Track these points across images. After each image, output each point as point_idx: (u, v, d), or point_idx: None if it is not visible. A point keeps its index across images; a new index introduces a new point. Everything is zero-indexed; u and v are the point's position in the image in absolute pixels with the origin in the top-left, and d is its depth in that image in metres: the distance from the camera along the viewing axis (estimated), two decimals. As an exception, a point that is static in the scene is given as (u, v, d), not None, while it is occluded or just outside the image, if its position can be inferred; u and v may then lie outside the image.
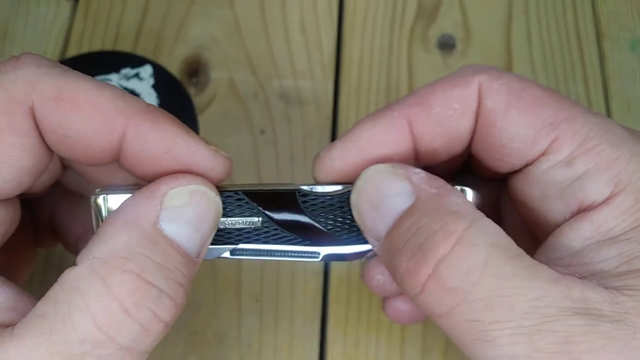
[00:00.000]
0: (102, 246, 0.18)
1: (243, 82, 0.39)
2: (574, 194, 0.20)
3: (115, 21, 0.41)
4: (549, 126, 0.20)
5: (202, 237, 0.20)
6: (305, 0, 0.42)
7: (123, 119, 0.20)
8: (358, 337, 0.33)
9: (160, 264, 0.18)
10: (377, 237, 0.20)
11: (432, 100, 0.21)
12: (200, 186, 0.20)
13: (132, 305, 0.17)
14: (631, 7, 0.44)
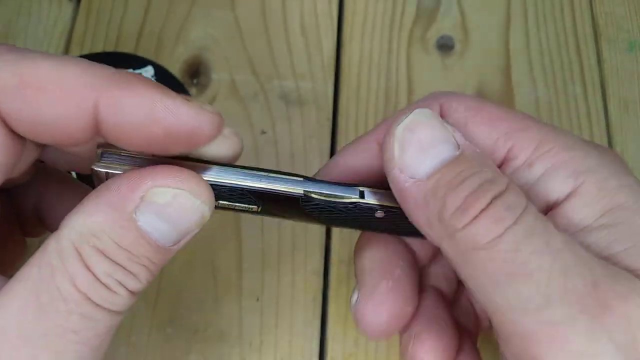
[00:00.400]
0: (80, 219, 0.19)
1: (244, 83, 0.40)
2: (538, 194, 0.22)
3: (117, 22, 0.41)
4: (505, 136, 0.23)
5: (180, 234, 0.20)
6: (305, 2, 0.42)
7: (92, 92, 0.19)
8: (358, 336, 0.33)
9: (125, 249, 0.19)
10: (414, 174, 0.21)
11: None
12: (185, 192, 0.20)
13: (100, 273, 0.19)
14: (629, 8, 0.44)
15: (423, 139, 0.21)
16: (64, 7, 0.42)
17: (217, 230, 0.36)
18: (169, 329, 0.33)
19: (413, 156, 0.21)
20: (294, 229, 0.36)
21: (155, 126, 0.19)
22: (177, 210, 0.20)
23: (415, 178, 0.21)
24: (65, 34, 0.41)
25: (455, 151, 0.21)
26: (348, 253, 0.36)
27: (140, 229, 0.19)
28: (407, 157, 0.21)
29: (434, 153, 0.21)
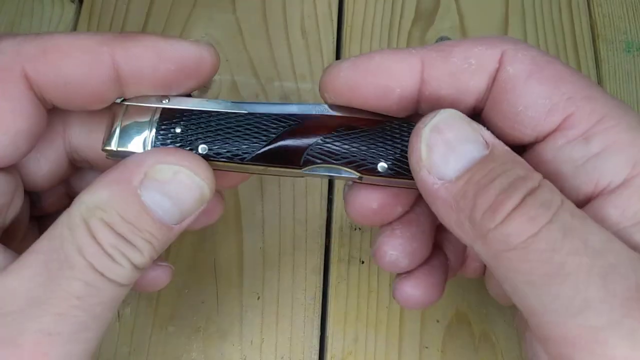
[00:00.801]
0: (89, 195, 0.21)
1: (245, 84, 0.40)
2: (589, 173, 0.20)
3: (119, 23, 0.42)
4: (567, 100, 0.20)
5: (182, 212, 0.22)
6: (305, 4, 0.43)
7: (107, 48, 0.21)
8: (357, 334, 0.34)
9: (130, 223, 0.20)
10: (442, 176, 0.20)
11: (452, 51, 0.21)
12: (186, 169, 0.21)
13: (106, 244, 0.20)
14: (626, 9, 0.45)
15: (450, 139, 0.20)
16: (66, 8, 0.42)
17: (218, 229, 0.36)
18: (170, 327, 0.34)
19: (441, 157, 0.20)
20: (294, 228, 0.36)
21: (168, 63, 0.22)
22: (177, 187, 0.21)
23: (444, 179, 0.20)
24: (68, 36, 0.41)
25: (485, 150, 0.20)
26: (348, 252, 0.36)
27: (144, 204, 0.21)
28: (434, 158, 0.20)
29: (462, 153, 0.20)
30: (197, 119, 0.22)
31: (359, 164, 0.22)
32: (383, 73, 0.22)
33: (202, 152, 0.22)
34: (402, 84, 0.22)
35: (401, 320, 0.34)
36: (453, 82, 0.22)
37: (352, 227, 0.36)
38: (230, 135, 0.22)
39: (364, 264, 0.36)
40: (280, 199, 0.37)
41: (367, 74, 0.22)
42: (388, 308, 0.34)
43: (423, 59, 0.21)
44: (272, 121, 0.22)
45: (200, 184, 0.22)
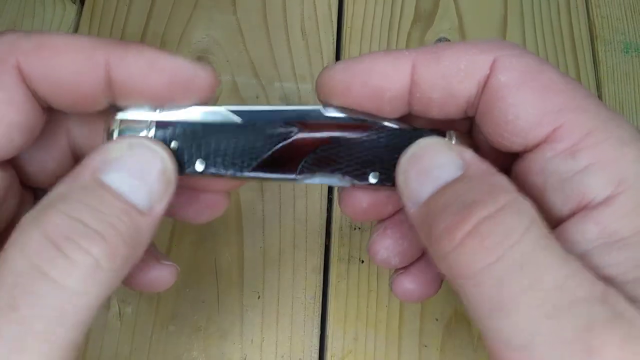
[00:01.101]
0: (45, 197, 0.19)
1: (245, 85, 0.40)
2: (574, 188, 0.20)
3: (120, 24, 0.42)
4: (557, 112, 0.20)
5: (150, 189, 0.20)
6: (305, 6, 0.43)
7: (102, 51, 0.21)
8: (357, 333, 0.34)
9: (92, 207, 0.19)
10: (416, 200, 0.20)
11: (444, 54, 0.21)
12: (141, 140, 0.21)
13: (57, 236, 0.18)
14: (625, 10, 0.45)
15: (426, 165, 0.21)
16: (67, 9, 0.42)
17: (218, 228, 0.36)
18: (171, 327, 0.34)
19: (417, 184, 0.21)
20: (294, 228, 0.36)
21: (160, 75, 0.21)
22: (136, 160, 0.20)
23: (418, 204, 0.20)
24: (69, 36, 0.41)
25: (458, 172, 0.20)
26: (348, 251, 0.36)
27: (108, 186, 0.19)
28: (410, 185, 0.21)
29: (434, 177, 0.20)
30: (191, 132, 0.22)
31: (352, 174, 0.23)
32: (374, 75, 0.22)
33: (199, 170, 0.22)
34: (393, 86, 0.22)
35: (401, 319, 0.34)
36: (443, 86, 0.22)
37: (352, 227, 0.37)
38: (226, 149, 0.22)
39: (363, 263, 0.36)
40: (280, 199, 0.37)
41: (358, 76, 0.22)
42: (388, 307, 0.35)
43: (414, 61, 0.22)
44: (267, 133, 0.22)
45: (161, 154, 0.21)
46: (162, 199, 0.21)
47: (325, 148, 0.23)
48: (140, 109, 0.22)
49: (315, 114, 0.23)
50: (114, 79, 0.21)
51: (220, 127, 0.22)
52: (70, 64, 0.21)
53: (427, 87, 0.22)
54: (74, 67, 0.21)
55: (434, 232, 0.19)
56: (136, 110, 0.22)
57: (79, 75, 0.21)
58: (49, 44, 0.21)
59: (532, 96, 0.20)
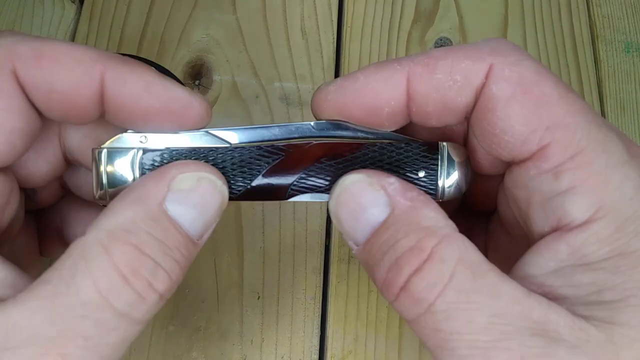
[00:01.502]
0: (109, 219, 0.19)
1: (245, 85, 0.40)
2: (555, 208, 0.20)
3: (120, 24, 0.42)
4: (545, 130, 0.19)
5: (206, 222, 0.21)
6: (305, 5, 0.43)
7: (100, 66, 0.21)
8: (357, 333, 0.34)
9: (160, 241, 0.19)
10: (355, 242, 0.21)
11: (438, 65, 0.21)
12: (208, 174, 0.21)
13: (129, 273, 0.18)
14: (625, 10, 0.45)
15: (352, 207, 0.21)
16: (66, 9, 0.42)
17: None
18: (171, 327, 0.34)
19: (349, 226, 0.21)
20: (294, 228, 0.36)
21: (153, 99, 0.21)
22: (201, 195, 0.21)
23: (358, 245, 0.21)
24: (69, 36, 0.41)
25: (385, 212, 0.20)
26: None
27: (172, 218, 0.20)
28: (345, 227, 0.21)
29: (364, 220, 0.21)
30: (179, 158, 0.22)
31: None
32: (368, 94, 0.22)
33: None
34: (388, 104, 0.22)
35: (401, 320, 0.34)
36: (439, 99, 0.21)
37: (352, 227, 0.37)
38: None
39: (363, 263, 0.36)
40: (281, 199, 0.37)
41: (353, 96, 0.22)
42: (388, 307, 0.35)
43: (408, 74, 0.21)
44: (255, 157, 0.22)
45: (221, 189, 0.21)
46: (211, 228, 0.22)
47: (313, 169, 0.22)
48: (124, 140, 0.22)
49: (304, 130, 0.23)
50: (108, 95, 0.21)
51: (207, 151, 0.22)
52: (67, 76, 0.21)
53: (422, 101, 0.21)
54: (71, 79, 0.21)
55: (377, 282, 0.20)
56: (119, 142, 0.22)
57: (73, 88, 0.21)
58: (48, 52, 0.20)
59: (520, 111, 0.20)
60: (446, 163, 0.23)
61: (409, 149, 0.22)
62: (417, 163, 0.22)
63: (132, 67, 0.21)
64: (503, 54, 0.20)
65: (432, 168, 0.22)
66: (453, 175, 0.23)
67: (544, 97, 0.20)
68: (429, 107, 0.21)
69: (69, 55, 0.21)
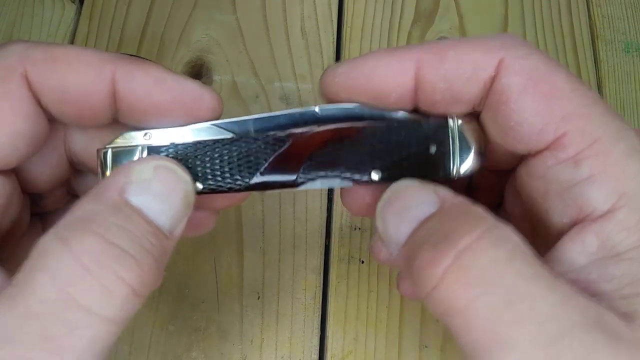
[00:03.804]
0: (68, 215, 0.19)
1: (245, 85, 0.40)
2: (575, 197, 0.19)
3: (119, 24, 0.42)
4: (561, 120, 0.19)
5: (174, 212, 0.20)
6: (305, 5, 0.43)
7: (110, 66, 0.21)
8: (357, 333, 0.34)
9: (124, 227, 0.18)
10: (397, 242, 0.20)
11: (448, 55, 0.21)
12: (165, 162, 0.21)
13: (91, 262, 0.17)
14: (625, 10, 0.45)
15: (400, 206, 0.20)
16: (66, 9, 0.42)
17: (218, 229, 0.36)
18: (170, 327, 0.34)
19: (394, 227, 0.20)
20: (294, 228, 0.36)
21: (164, 93, 0.21)
22: (162, 183, 0.20)
23: (399, 246, 0.20)
24: (68, 36, 0.41)
25: (433, 208, 0.20)
26: (348, 252, 0.36)
27: (134, 207, 0.19)
28: (388, 228, 0.21)
29: (410, 217, 0.20)
30: (185, 152, 0.22)
31: (353, 175, 0.22)
32: (377, 78, 0.21)
33: (198, 189, 0.22)
34: (396, 89, 0.21)
35: (401, 320, 0.34)
36: (447, 88, 0.21)
37: (352, 227, 0.37)
38: (221, 165, 0.22)
39: (364, 263, 0.36)
40: (280, 199, 0.37)
41: (361, 79, 0.22)
42: (388, 307, 0.35)
43: (417, 61, 0.21)
44: (261, 145, 0.22)
45: (182, 176, 0.21)
46: (182, 221, 0.21)
47: (322, 153, 0.22)
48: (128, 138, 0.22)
49: (309, 116, 0.22)
50: (120, 95, 0.21)
51: (213, 143, 0.22)
52: (79, 77, 0.21)
53: (430, 90, 0.21)
54: (83, 81, 0.21)
55: (415, 270, 0.18)
56: (124, 139, 0.22)
57: (86, 89, 0.21)
58: (59, 55, 0.21)
59: (535, 103, 0.20)
60: (457, 136, 0.22)
61: (418, 125, 0.22)
62: (428, 139, 0.22)
63: (140, 64, 0.21)
64: (513, 47, 0.20)
65: (443, 143, 0.22)
66: (466, 149, 0.22)
67: (557, 88, 0.20)
68: (436, 95, 0.21)
69: (79, 57, 0.21)
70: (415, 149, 0.22)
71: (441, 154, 0.22)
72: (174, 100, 0.21)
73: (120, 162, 0.22)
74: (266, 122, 0.22)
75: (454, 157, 0.22)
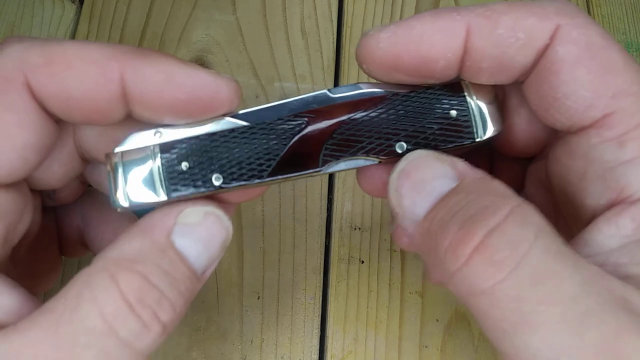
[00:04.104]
0: (116, 249, 0.19)
1: (245, 85, 0.40)
2: (617, 179, 0.19)
3: (119, 24, 0.42)
4: (611, 97, 0.19)
5: (210, 256, 0.21)
6: (305, 5, 0.43)
7: (116, 64, 0.19)
8: (357, 333, 0.34)
9: (166, 271, 0.19)
10: (413, 218, 0.20)
11: (501, 20, 0.20)
12: (214, 209, 0.21)
13: (135, 301, 0.18)
14: (625, 10, 0.45)
15: (417, 179, 0.20)
16: (66, 9, 0.42)
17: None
18: (171, 327, 0.34)
19: (410, 200, 0.20)
20: (294, 228, 0.36)
21: (178, 91, 0.20)
22: (207, 229, 0.21)
23: (416, 221, 0.19)
24: (68, 36, 0.41)
25: (452, 183, 0.19)
26: (348, 252, 0.36)
27: (177, 250, 0.20)
28: (404, 203, 0.20)
29: (429, 191, 0.19)
30: (199, 147, 0.21)
31: (377, 149, 0.22)
32: (425, 44, 0.20)
33: (217, 183, 0.21)
34: (444, 57, 0.20)
35: (401, 320, 0.34)
36: (497, 55, 0.20)
37: (352, 227, 0.37)
38: (239, 157, 0.21)
39: (364, 263, 0.36)
40: (280, 199, 0.37)
41: (408, 45, 0.20)
42: (388, 307, 0.35)
43: (468, 26, 0.20)
44: (278, 131, 0.21)
45: (226, 224, 0.21)
46: (215, 264, 0.21)
47: (342, 131, 0.22)
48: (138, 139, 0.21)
49: (322, 98, 0.22)
50: (130, 95, 0.20)
51: (228, 134, 0.21)
52: (82, 80, 0.19)
53: (478, 56, 0.20)
54: (87, 83, 0.19)
55: (437, 250, 0.18)
56: (133, 139, 0.21)
57: (91, 91, 0.20)
58: (59, 57, 0.19)
59: (587, 76, 0.19)
60: (475, 98, 0.21)
61: (433, 93, 0.22)
62: (446, 105, 0.21)
63: (150, 58, 0.20)
64: (570, 15, 0.19)
65: (462, 106, 0.21)
66: (486, 111, 0.21)
67: (611, 63, 0.19)
68: (484, 62, 0.20)
69: (81, 57, 0.19)
70: (437, 114, 0.21)
71: (462, 119, 0.21)
72: (189, 99, 0.20)
73: (131, 167, 0.21)
74: (279, 109, 0.22)
75: (475, 119, 0.21)
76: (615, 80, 0.19)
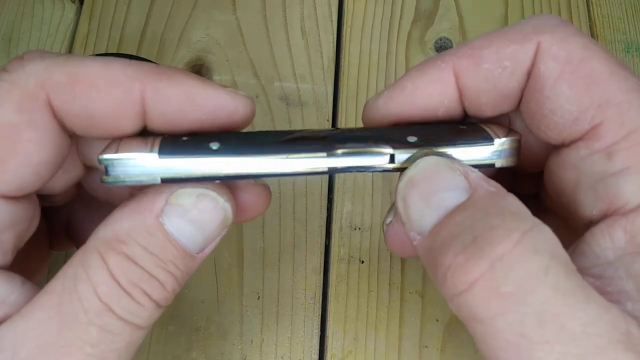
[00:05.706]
0: (107, 228, 0.20)
1: (245, 85, 0.40)
2: (607, 190, 0.19)
3: (119, 24, 0.42)
4: (597, 108, 0.18)
5: (206, 237, 0.21)
6: (305, 6, 0.43)
7: (138, 84, 0.20)
8: (357, 333, 0.34)
9: (153, 254, 0.19)
10: (420, 231, 0.19)
11: (484, 54, 0.20)
12: (209, 191, 0.20)
13: (124, 280, 0.19)
14: (625, 10, 0.45)
15: (426, 190, 0.19)
16: (66, 9, 0.42)
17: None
18: (170, 327, 0.34)
19: (417, 211, 0.19)
20: (294, 228, 0.36)
21: (199, 111, 0.20)
22: (202, 212, 0.20)
23: (422, 234, 0.19)
24: (68, 36, 0.41)
25: (463, 196, 0.18)
26: (348, 252, 0.36)
27: (168, 233, 0.20)
28: (411, 212, 0.19)
29: (437, 203, 0.18)
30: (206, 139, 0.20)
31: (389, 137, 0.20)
32: (420, 100, 0.21)
33: (215, 148, 0.20)
34: (443, 104, 0.21)
35: (401, 320, 0.34)
36: (491, 88, 0.20)
37: (352, 227, 0.37)
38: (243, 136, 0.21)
39: (363, 263, 0.36)
40: (280, 199, 0.37)
41: (405, 105, 0.21)
42: (388, 308, 0.35)
43: (454, 69, 0.20)
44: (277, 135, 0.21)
45: (224, 205, 0.21)
46: (214, 242, 0.21)
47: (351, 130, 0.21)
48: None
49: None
50: (150, 112, 0.20)
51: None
52: (105, 100, 0.20)
53: (474, 94, 0.21)
54: (110, 103, 0.20)
55: (440, 268, 0.17)
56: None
57: (114, 111, 0.20)
58: (82, 77, 0.19)
59: (569, 91, 0.19)
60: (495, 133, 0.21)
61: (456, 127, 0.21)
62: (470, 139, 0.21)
63: (170, 78, 0.20)
64: (550, 31, 0.19)
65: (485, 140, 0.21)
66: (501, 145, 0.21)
67: (594, 75, 0.19)
68: (481, 98, 0.21)
69: (105, 77, 0.19)
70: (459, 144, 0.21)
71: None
72: (208, 119, 0.20)
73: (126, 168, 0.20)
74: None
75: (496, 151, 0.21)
76: (600, 91, 0.19)
